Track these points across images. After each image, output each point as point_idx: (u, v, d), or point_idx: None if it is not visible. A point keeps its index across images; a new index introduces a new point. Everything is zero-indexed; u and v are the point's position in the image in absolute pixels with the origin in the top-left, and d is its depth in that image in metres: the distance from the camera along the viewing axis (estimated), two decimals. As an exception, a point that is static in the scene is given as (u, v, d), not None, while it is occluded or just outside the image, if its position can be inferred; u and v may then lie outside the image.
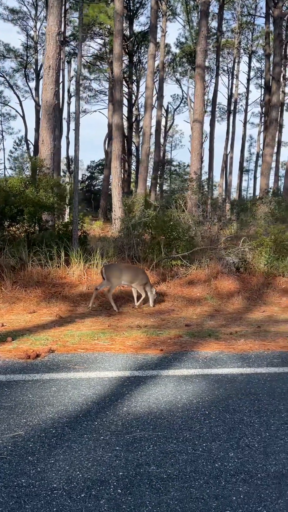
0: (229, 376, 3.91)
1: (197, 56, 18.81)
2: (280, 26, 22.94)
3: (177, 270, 8.84)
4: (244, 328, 5.76)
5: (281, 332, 5.57)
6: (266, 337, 5.24)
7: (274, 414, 3.21)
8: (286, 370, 4.12)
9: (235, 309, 7.21)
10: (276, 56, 23.20)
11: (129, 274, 6.84)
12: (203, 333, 5.35)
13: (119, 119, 17.85)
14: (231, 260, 8.53)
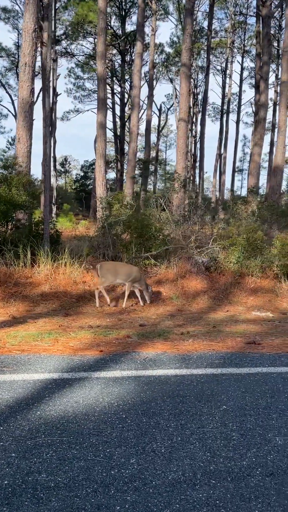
0: (162, 377, 3.80)
1: (182, 54, 18.69)
2: (268, 25, 22.83)
3: (150, 270, 8.73)
4: (199, 328, 5.65)
5: (234, 332, 5.46)
6: (217, 338, 5.13)
7: (194, 417, 3.09)
8: (224, 371, 4.01)
9: (198, 309, 7.10)
10: (264, 55, 23.10)
11: (124, 272, 6.94)
12: (153, 334, 5.23)
13: (103, 118, 17.75)
14: (200, 259, 8.42)
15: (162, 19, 39.79)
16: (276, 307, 7.39)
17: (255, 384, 3.75)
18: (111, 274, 6.90)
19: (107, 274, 6.88)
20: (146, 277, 8.42)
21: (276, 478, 2.44)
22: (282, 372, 4.06)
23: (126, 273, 6.97)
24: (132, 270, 7.06)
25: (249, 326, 5.94)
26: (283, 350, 4.70)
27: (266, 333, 5.50)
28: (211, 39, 44.13)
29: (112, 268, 7.00)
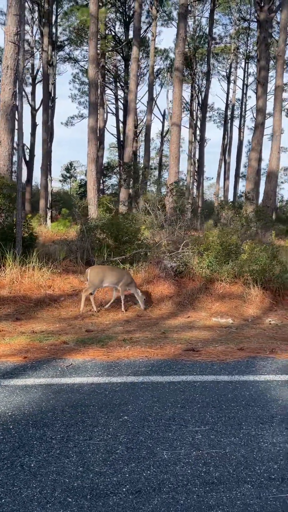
0: (76, 386, 3.65)
1: (175, 58, 18.62)
2: (265, 29, 22.69)
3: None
4: (146, 335, 5.49)
5: (179, 339, 5.29)
6: (157, 344, 4.96)
7: (86, 428, 2.94)
8: (145, 379, 3.85)
9: (159, 315, 6.93)
10: (261, 60, 22.95)
11: (113, 276, 6.94)
12: (94, 340, 5.08)
13: (94, 122, 17.68)
14: (169, 264, 8.25)
15: (166, 25, 39.80)
16: (241, 313, 7.20)
17: (172, 394, 3.58)
18: (98, 279, 6.85)
19: (94, 279, 6.83)
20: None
21: (140, 496, 2.28)
22: (206, 381, 3.88)
23: (116, 276, 6.97)
24: (122, 274, 7.09)
25: (201, 332, 5.76)
26: (219, 358, 4.52)
27: (213, 340, 5.32)
28: (216, 45, 44.15)
29: (101, 272, 6.95)
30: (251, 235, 13.05)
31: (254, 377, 4.06)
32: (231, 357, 4.59)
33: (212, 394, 3.62)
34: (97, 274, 6.88)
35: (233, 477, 2.50)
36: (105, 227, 10.01)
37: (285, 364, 4.47)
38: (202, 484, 2.41)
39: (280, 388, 3.82)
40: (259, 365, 4.42)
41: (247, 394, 3.66)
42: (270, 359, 4.64)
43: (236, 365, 4.38)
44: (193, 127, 41.32)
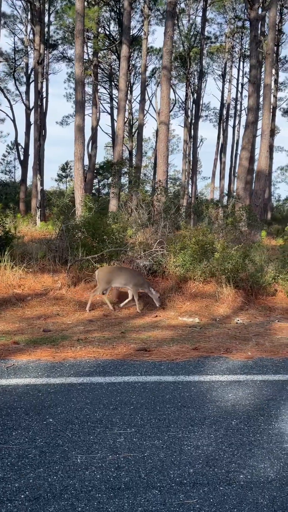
0: (10, 387, 3.58)
1: (163, 57, 18.52)
2: (256, 28, 22.58)
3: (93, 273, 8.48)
4: (105, 334, 5.40)
5: (136, 339, 5.20)
6: (110, 344, 4.87)
7: (5, 432, 2.86)
8: (85, 380, 3.76)
9: (127, 314, 6.84)
10: (252, 59, 22.82)
11: (122, 277, 6.97)
12: (46, 340, 4.99)
13: (81, 121, 17.59)
14: (142, 263, 8.16)
15: (160, 24, 39.64)
16: (211, 312, 7.10)
17: (108, 395, 3.49)
18: (106, 280, 6.92)
19: (102, 280, 6.92)
20: (88, 281, 8.19)
21: (37, 503, 2.19)
22: (148, 381, 3.79)
23: (124, 277, 7.00)
24: (131, 275, 7.09)
25: (163, 332, 5.67)
26: (169, 358, 4.43)
27: (171, 340, 5.23)
28: (211, 44, 44.02)
29: (109, 273, 7.04)
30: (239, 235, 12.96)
31: (199, 377, 3.97)
32: (183, 357, 4.50)
33: (150, 395, 3.53)
34: (105, 275, 6.95)
35: (143, 482, 2.41)
36: (83, 226, 9.91)
37: (235, 365, 4.38)
38: (107, 490, 2.32)
39: (222, 388, 3.73)
40: (208, 365, 4.33)
41: (187, 395, 3.57)
42: (223, 359, 4.55)
43: (185, 365, 4.29)
44: (188, 127, 41.15)
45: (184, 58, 40.79)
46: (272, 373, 4.17)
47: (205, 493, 2.33)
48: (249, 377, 4.02)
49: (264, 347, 5.06)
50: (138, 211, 13.28)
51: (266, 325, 6.39)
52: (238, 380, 3.95)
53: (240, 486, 2.42)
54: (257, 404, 3.45)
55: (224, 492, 2.35)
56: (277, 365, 4.41)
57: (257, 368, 4.30)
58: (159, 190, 14.43)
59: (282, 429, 3.08)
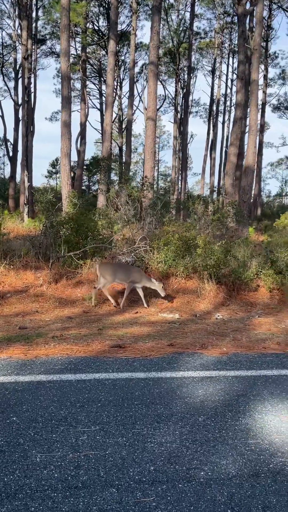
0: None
1: (150, 52, 18.42)
2: (243, 23, 22.52)
3: (76, 270, 8.43)
4: (82, 331, 5.35)
5: (113, 335, 5.17)
6: (85, 341, 4.83)
7: None
8: (55, 378, 3.72)
9: (107, 311, 6.80)
10: (240, 54, 22.76)
11: (123, 273, 6.98)
12: (21, 337, 4.94)
13: (67, 116, 17.47)
14: (124, 259, 8.12)
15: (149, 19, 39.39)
16: (192, 308, 7.09)
17: (76, 392, 3.45)
18: (107, 274, 6.94)
19: (105, 276, 6.94)
20: (69, 277, 8.14)
21: (-11, 503, 2.14)
22: (118, 378, 3.76)
23: (125, 273, 7.01)
24: (131, 271, 7.08)
25: (141, 328, 5.64)
26: (143, 355, 4.40)
27: (147, 336, 5.20)
28: (201, 40, 43.88)
29: (110, 268, 7.07)
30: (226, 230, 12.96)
31: (171, 373, 3.94)
32: (157, 353, 4.47)
33: (119, 392, 3.50)
34: (106, 270, 6.97)
35: (101, 480, 2.38)
36: (66, 222, 9.84)
37: (209, 360, 4.36)
38: (63, 489, 2.29)
39: (193, 385, 3.71)
40: (182, 361, 4.31)
41: (156, 392, 3.54)
42: (197, 355, 4.53)
43: (159, 361, 4.26)
44: (178, 122, 41.06)
45: (173, 53, 40.66)
46: (245, 368, 4.16)
47: (163, 491, 2.30)
48: (222, 373, 4.01)
49: (241, 343, 5.05)
50: (124, 207, 13.23)
51: (246, 321, 6.39)
52: (210, 376, 3.93)
53: (199, 483, 2.40)
54: (226, 400, 3.43)
55: (182, 490, 2.33)
56: (251, 361, 4.40)
57: (231, 363, 4.29)
58: (146, 186, 14.39)
59: (248, 424, 3.06)
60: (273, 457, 2.68)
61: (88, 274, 8.08)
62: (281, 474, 2.51)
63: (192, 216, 13.77)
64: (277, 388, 3.72)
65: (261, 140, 41.07)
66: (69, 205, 12.70)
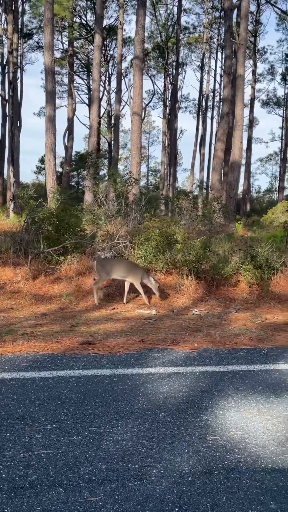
0: None
1: (135, 47, 18.31)
2: (230, 18, 22.48)
3: (54, 266, 8.36)
4: (54, 328, 5.30)
5: (85, 332, 5.12)
6: (55, 338, 4.78)
7: None
8: (17, 376, 3.68)
9: (84, 307, 6.74)
10: (226, 49, 22.70)
11: (121, 269, 6.88)
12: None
13: (52, 111, 17.35)
14: (103, 255, 8.06)
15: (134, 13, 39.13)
16: (170, 304, 7.06)
17: (38, 390, 3.40)
18: (104, 270, 6.87)
19: (101, 272, 6.87)
20: (48, 274, 8.06)
21: None
22: (83, 376, 3.72)
23: (123, 270, 6.91)
24: (130, 267, 6.98)
25: (115, 324, 5.59)
26: (112, 351, 4.36)
27: (120, 332, 5.15)
28: (190, 35, 43.72)
29: (107, 264, 6.98)
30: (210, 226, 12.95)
31: (138, 370, 3.90)
32: (126, 350, 4.43)
33: (82, 390, 3.45)
34: (103, 266, 6.90)
35: (50, 480, 2.33)
36: (47, 218, 9.75)
37: (178, 356, 4.33)
38: (9, 489, 2.24)
39: (159, 381, 3.67)
40: (151, 357, 4.27)
41: (120, 389, 3.50)
42: (167, 351, 4.50)
43: (127, 358, 4.22)
44: (166, 118, 40.93)
45: (162, 48, 40.49)
46: (214, 364, 4.13)
47: (112, 490, 2.26)
48: (189, 369, 3.98)
49: (213, 338, 5.03)
50: (108, 203, 13.16)
51: (223, 316, 6.37)
52: (177, 372, 3.90)
53: (150, 481, 2.36)
54: (190, 396, 3.40)
55: (132, 488, 2.29)
56: (221, 356, 4.37)
57: (200, 359, 4.26)
58: (130, 182, 14.31)
59: (209, 421, 3.03)
60: (229, 453, 2.65)
61: (67, 270, 8.01)
62: (235, 471, 2.48)
63: (176, 211, 13.76)
64: (243, 383, 3.70)
65: (250, 135, 41.12)
66: (52, 201, 12.62)
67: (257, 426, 2.99)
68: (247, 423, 3.02)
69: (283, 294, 7.77)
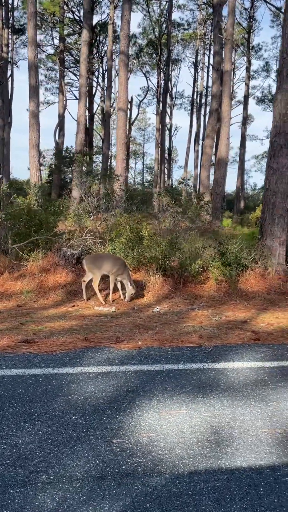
0: None
1: (120, 42, 18.15)
2: (219, 13, 22.32)
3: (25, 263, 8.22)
4: (2, 325, 5.17)
5: (30, 330, 5.00)
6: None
7: None
8: None
9: (44, 304, 6.62)
10: (215, 45, 22.55)
11: (108, 264, 6.76)
12: None
13: (35, 107, 17.20)
14: (69, 251, 7.93)
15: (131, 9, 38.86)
16: (134, 302, 6.93)
17: None
18: (96, 268, 6.75)
19: (93, 269, 6.76)
20: (14, 271, 7.93)
21: None
22: (6, 375, 3.60)
23: (110, 265, 6.78)
24: (116, 262, 6.83)
25: (67, 322, 5.47)
26: (49, 350, 4.24)
27: (67, 330, 5.03)
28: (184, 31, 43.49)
29: (97, 260, 6.84)
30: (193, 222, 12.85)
31: (69, 369, 3.78)
32: (65, 348, 4.31)
33: (0, 390, 3.32)
34: (92, 262, 6.77)
35: None
36: (18, 214, 9.61)
37: (117, 355, 4.21)
38: None
39: (86, 381, 3.55)
40: (88, 356, 4.15)
41: (42, 389, 3.38)
42: (108, 349, 4.38)
43: (62, 357, 4.10)
44: (160, 115, 40.72)
45: (155, 45, 40.30)
46: (151, 363, 4.01)
47: (-11, 497, 2.14)
48: (123, 368, 3.86)
49: (161, 336, 4.91)
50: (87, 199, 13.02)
51: (183, 313, 6.25)
52: (109, 371, 3.78)
53: (35, 488, 2.24)
54: (113, 397, 3.28)
55: (12, 496, 2.17)
56: (161, 355, 4.25)
57: (139, 358, 4.14)
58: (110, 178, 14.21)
59: (123, 423, 2.91)
60: (131, 457, 2.54)
61: (32, 267, 7.87)
62: (130, 476, 2.36)
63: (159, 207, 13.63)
64: (174, 383, 3.58)
65: (244, 132, 40.91)
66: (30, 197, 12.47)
67: (172, 428, 2.87)
68: (162, 425, 2.90)
69: (251, 292, 7.65)
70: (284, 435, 2.83)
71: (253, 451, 2.63)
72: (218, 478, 2.36)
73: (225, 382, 3.64)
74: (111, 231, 9.06)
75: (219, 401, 3.28)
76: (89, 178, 13.67)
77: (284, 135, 8.13)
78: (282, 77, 8.14)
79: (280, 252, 8.42)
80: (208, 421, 2.97)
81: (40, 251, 8.05)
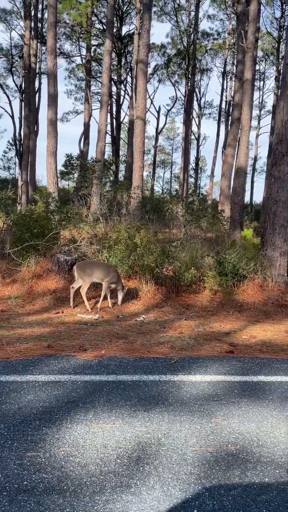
0: None
1: (140, 50, 18.22)
2: (243, 22, 22.08)
3: (20, 268, 8.24)
4: (-26, 330, 5.13)
5: (4, 336, 4.93)
6: None
7: None
8: None
9: (29, 310, 6.58)
10: (238, 54, 22.38)
11: (100, 271, 6.75)
12: None
13: (53, 115, 17.43)
14: (63, 258, 7.88)
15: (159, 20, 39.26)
16: (121, 310, 6.80)
17: None
18: (87, 275, 6.71)
19: (83, 276, 6.71)
20: (7, 276, 7.95)
21: None
22: None
23: (102, 272, 6.76)
24: (109, 270, 6.83)
25: (44, 329, 5.39)
26: (5, 357, 4.16)
27: (38, 337, 4.95)
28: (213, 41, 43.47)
29: (88, 268, 6.80)
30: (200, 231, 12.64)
31: (16, 377, 3.68)
32: (22, 356, 4.21)
33: None
34: (83, 269, 6.73)
35: None
36: (21, 220, 9.68)
37: (74, 364, 4.08)
38: None
39: (28, 390, 3.44)
40: (43, 364, 4.04)
41: (-21, 396, 3.28)
42: (68, 357, 4.25)
43: (16, 364, 4.00)
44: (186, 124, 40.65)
45: (183, 54, 40.38)
46: (106, 373, 3.87)
47: None
48: (74, 377, 3.72)
49: (131, 346, 4.75)
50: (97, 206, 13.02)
51: (168, 323, 6.07)
52: (58, 380, 3.66)
53: None
54: (48, 407, 3.15)
55: None
56: (121, 365, 4.09)
57: (95, 368, 4.00)
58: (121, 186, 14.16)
59: (46, 435, 2.78)
60: (38, 472, 2.40)
61: (25, 272, 7.86)
62: (27, 493, 2.22)
63: (167, 216, 13.47)
64: (120, 395, 3.42)
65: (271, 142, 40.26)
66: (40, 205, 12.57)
67: (96, 442, 2.72)
68: (87, 439, 2.75)
69: (246, 303, 7.38)
70: (214, 455, 2.63)
71: (172, 471, 2.45)
72: (121, 499, 2.19)
73: (175, 396, 3.45)
74: (109, 238, 8.97)
75: (160, 416, 3.10)
76: (100, 185, 13.67)
77: (286, 142, 7.86)
78: (284, 84, 7.90)
79: (281, 262, 8.12)
80: (138, 437, 2.80)
81: (33, 256, 8.02)
